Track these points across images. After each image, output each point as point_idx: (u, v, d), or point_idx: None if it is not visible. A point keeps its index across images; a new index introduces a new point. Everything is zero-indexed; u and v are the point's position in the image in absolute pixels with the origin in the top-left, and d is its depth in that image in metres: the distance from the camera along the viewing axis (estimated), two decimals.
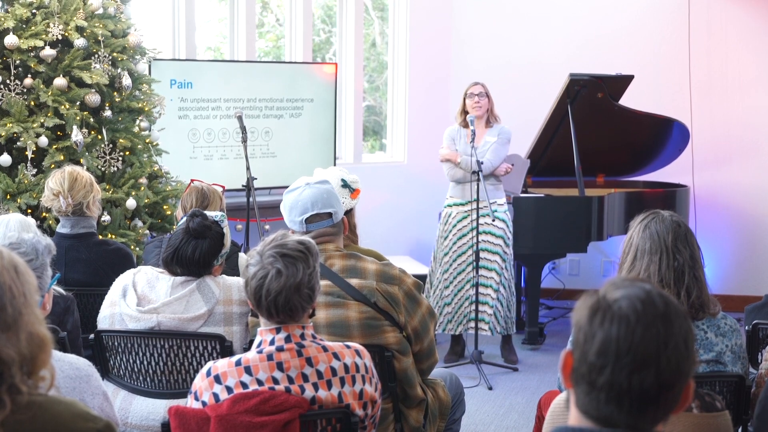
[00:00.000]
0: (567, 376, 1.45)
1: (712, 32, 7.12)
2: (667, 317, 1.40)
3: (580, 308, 1.45)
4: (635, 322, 1.38)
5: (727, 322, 2.68)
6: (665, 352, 1.38)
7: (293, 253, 2.26)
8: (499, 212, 5.53)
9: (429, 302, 3.02)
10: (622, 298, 1.41)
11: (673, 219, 2.68)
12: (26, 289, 1.56)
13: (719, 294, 5.05)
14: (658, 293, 1.43)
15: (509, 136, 5.60)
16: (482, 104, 5.52)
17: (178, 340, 2.85)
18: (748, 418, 2.72)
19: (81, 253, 3.61)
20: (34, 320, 1.56)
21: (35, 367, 1.55)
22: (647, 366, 1.37)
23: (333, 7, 7.44)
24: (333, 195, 2.94)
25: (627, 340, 1.37)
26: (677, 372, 1.39)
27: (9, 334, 1.51)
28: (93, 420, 1.58)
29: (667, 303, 1.42)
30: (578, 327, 1.43)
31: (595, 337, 1.39)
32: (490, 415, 4.89)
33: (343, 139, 7.12)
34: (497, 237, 5.55)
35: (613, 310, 1.40)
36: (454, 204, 5.65)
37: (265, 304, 2.25)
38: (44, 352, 1.56)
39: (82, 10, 4.54)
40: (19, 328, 1.52)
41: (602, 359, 1.38)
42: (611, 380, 1.38)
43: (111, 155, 4.61)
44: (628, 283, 1.44)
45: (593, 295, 1.45)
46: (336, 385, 2.28)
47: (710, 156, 7.13)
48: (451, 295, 5.60)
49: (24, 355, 1.52)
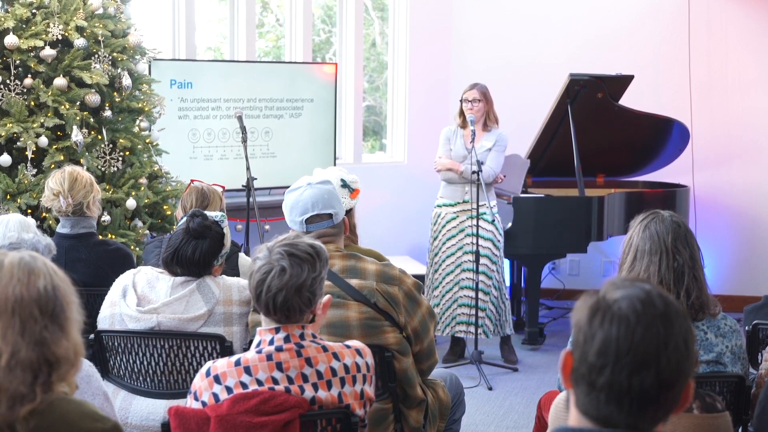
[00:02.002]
0: (567, 377, 1.44)
1: (712, 32, 7.12)
2: (668, 317, 1.40)
3: (579, 308, 1.45)
4: (635, 322, 1.38)
5: (727, 323, 2.68)
6: (665, 352, 1.38)
7: (301, 254, 2.26)
8: (487, 214, 5.51)
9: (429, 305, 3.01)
10: (622, 299, 1.41)
11: (673, 219, 2.67)
12: (69, 298, 1.61)
13: (719, 294, 5.05)
14: (658, 293, 1.43)
15: (506, 144, 5.58)
16: (476, 109, 5.51)
17: (178, 341, 2.85)
18: (748, 418, 2.72)
19: (81, 253, 3.61)
20: (77, 327, 1.61)
21: (69, 375, 1.60)
22: (647, 366, 1.37)
23: (333, 7, 7.44)
24: (334, 195, 2.94)
25: (627, 340, 1.37)
26: (677, 372, 1.39)
27: (64, 333, 1.57)
28: (101, 420, 1.60)
29: (667, 303, 1.42)
30: (578, 327, 1.43)
31: (595, 338, 1.39)
32: (490, 415, 4.89)
33: (343, 139, 7.12)
34: (486, 240, 5.52)
35: (612, 311, 1.40)
36: (444, 204, 5.65)
37: (264, 299, 2.25)
38: (77, 363, 1.62)
39: (82, 10, 4.54)
40: (67, 332, 1.58)
41: (602, 359, 1.38)
42: (611, 380, 1.38)
43: (111, 155, 4.61)
44: (628, 284, 1.44)
45: (593, 296, 1.44)
46: (336, 386, 2.28)
47: (710, 156, 7.13)
48: (440, 296, 5.60)
49: (69, 360, 1.58)
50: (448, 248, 5.59)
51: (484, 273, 5.51)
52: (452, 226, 5.59)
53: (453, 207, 5.60)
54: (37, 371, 1.53)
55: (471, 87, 5.57)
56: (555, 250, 6.12)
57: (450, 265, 5.57)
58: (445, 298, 5.59)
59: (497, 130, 5.60)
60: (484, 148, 5.53)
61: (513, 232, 5.83)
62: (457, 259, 5.55)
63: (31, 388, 1.52)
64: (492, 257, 5.54)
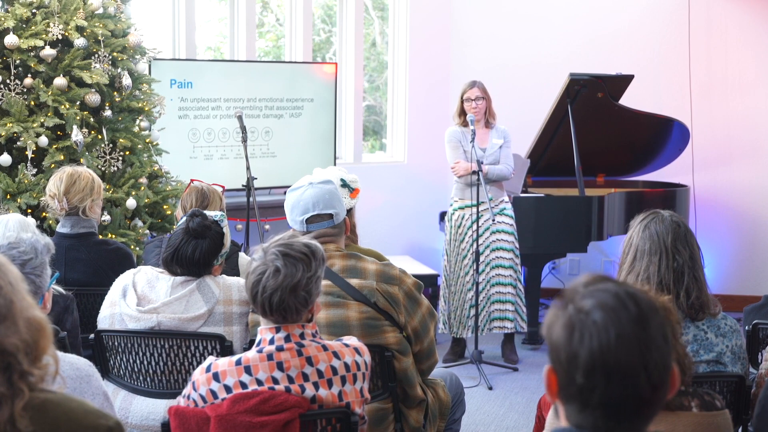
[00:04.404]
0: (554, 394, 1.43)
1: (712, 32, 7.12)
2: (643, 318, 1.38)
3: (553, 326, 1.41)
4: (615, 335, 1.36)
5: (728, 323, 2.68)
6: (650, 355, 1.37)
7: (296, 254, 2.26)
8: (507, 210, 5.59)
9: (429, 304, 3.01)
10: (593, 309, 1.38)
11: (672, 219, 2.67)
12: (10, 278, 1.58)
13: (719, 294, 5.04)
14: (625, 293, 1.41)
15: (511, 139, 5.66)
16: (480, 108, 5.51)
17: (178, 340, 2.85)
18: (748, 418, 2.72)
19: (81, 253, 3.61)
20: (27, 306, 1.59)
21: (38, 352, 1.58)
22: (637, 374, 1.36)
23: (333, 7, 7.44)
24: (335, 196, 2.93)
25: (611, 354, 1.36)
26: (664, 368, 1.39)
27: (7, 323, 1.54)
28: (104, 417, 1.62)
29: (637, 302, 1.40)
30: (556, 346, 1.40)
31: (578, 357, 1.37)
32: (490, 415, 4.89)
33: (343, 139, 7.12)
34: (509, 234, 5.59)
35: (588, 325, 1.37)
36: (465, 206, 5.60)
37: (260, 300, 2.25)
38: (44, 336, 1.60)
39: (82, 9, 4.54)
40: (15, 316, 1.55)
41: (592, 380, 1.36)
42: (605, 399, 1.37)
43: (111, 155, 4.61)
44: (593, 289, 1.41)
45: (563, 309, 1.41)
46: (337, 384, 2.28)
47: (710, 156, 7.13)
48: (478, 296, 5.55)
49: (26, 341, 1.56)
50: (463, 249, 5.57)
51: (511, 267, 5.57)
52: (477, 226, 5.52)
53: (474, 208, 5.52)
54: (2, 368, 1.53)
55: (471, 85, 5.56)
56: (555, 250, 6.13)
57: (481, 264, 5.54)
58: (479, 297, 5.53)
59: (499, 125, 5.62)
60: (496, 146, 5.56)
61: None
62: (485, 258, 5.56)
63: (9, 384, 1.52)
64: (516, 251, 5.61)
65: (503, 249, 5.55)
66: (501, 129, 5.61)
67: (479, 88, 5.53)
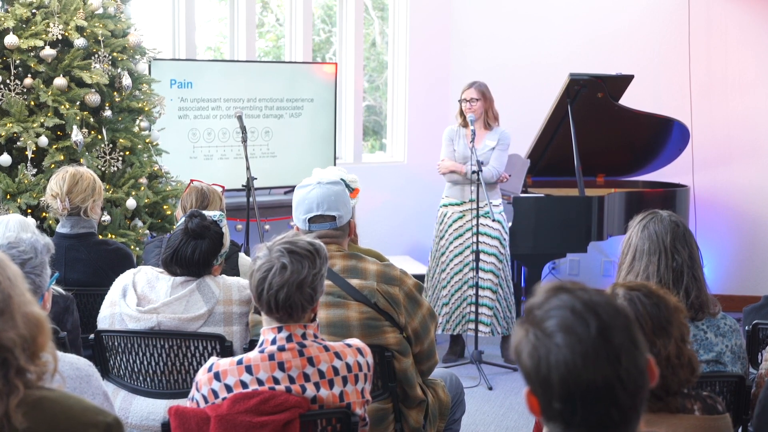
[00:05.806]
0: (537, 414, 1.43)
1: (712, 32, 7.12)
2: (605, 329, 1.36)
3: (521, 353, 1.40)
4: (581, 355, 1.34)
5: (727, 323, 2.68)
6: (620, 366, 1.35)
7: (301, 251, 2.27)
8: (495, 213, 5.51)
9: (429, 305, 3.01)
10: (555, 332, 1.37)
11: (671, 219, 2.67)
12: (8, 273, 1.58)
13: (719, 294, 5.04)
14: (582, 304, 1.38)
15: (509, 142, 5.58)
16: (475, 108, 5.50)
17: (178, 340, 2.85)
18: (748, 418, 2.72)
19: (81, 253, 3.61)
20: (26, 301, 1.58)
21: (36, 348, 1.58)
22: (611, 387, 1.35)
23: (333, 7, 7.44)
24: (341, 198, 2.92)
25: (582, 377, 1.34)
26: (639, 373, 1.37)
27: (4, 318, 1.54)
28: (102, 413, 1.62)
29: (596, 312, 1.38)
30: (528, 373, 1.39)
31: (551, 384, 1.36)
32: (490, 415, 4.89)
33: (343, 139, 7.12)
34: (493, 238, 5.53)
35: (552, 350, 1.36)
36: (450, 204, 5.64)
37: (266, 297, 2.25)
38: (42, 333, 1.59)
39: (82, 9, 4.54)
40: (12, 311, 1.55)
41: (569, 405, 1.36)
42: (586, 418, 1.36)
43: (111, 155, 4.61)
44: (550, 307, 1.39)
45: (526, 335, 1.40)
46: (338, 384, 2.28)
47: (710, 156, 7.13)
48: (449, 295, 5.59)
49: (24, 337, 1.55)
50: (455, 247, 5.58)
51: (492, 271, 5.52)
52: (459, 225, 5.57)
53: (459, 206, 5.59)
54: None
55: (469, 86, 5.57)
56: (555, 250, 6.12)
57: (458, 264, 5.56)
58: (454, 297, 5.58)
59: (499, 128, 5.60)
60: (487, 147, 5.52)
61: (513, 231, 5.82)
62: (464, 258, 5.54)
63: (5, 380, 1.52)
64: (499, 255, 5.55)
65: (484, 252, 5.51)
66: (499, 131, 5.57)
67: (476, 89, 5.53)
